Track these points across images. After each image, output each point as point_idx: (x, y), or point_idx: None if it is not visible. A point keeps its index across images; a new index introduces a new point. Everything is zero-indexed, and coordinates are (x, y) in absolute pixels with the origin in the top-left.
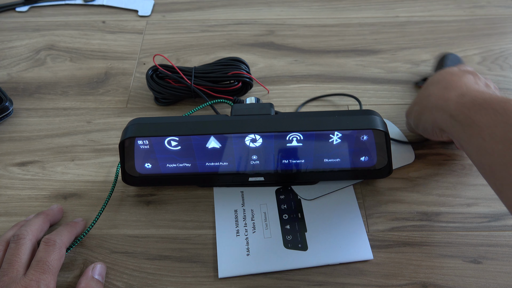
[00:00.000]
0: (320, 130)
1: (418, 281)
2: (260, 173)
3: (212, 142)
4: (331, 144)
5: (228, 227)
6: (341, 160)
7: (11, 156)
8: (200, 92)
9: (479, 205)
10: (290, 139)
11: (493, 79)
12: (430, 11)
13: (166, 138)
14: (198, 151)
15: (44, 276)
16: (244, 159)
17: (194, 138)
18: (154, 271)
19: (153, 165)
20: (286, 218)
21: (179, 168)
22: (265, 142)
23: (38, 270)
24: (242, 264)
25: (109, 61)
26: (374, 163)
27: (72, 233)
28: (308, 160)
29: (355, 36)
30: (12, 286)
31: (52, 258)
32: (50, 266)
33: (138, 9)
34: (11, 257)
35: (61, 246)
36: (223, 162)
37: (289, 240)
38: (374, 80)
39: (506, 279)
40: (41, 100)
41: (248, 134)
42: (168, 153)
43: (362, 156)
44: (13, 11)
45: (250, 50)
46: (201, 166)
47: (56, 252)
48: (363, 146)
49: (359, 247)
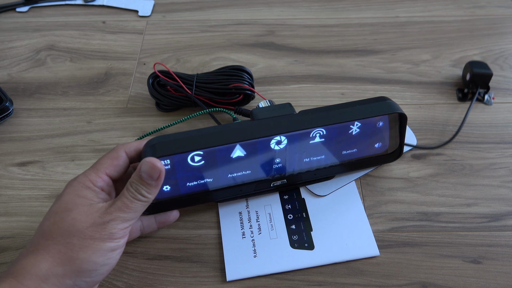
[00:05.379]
0: (344, 122)
1: (418, 281)
2: (283, 176)
3: (238, 151)
4: (351, 135)
5: (233, 229)
6: (358, 150)
7: (11, 156)
8: (200, 103)
9: (479, 205)
10: (314, 136)
11: (493, 79)
12: (430, 11)
13: (190, 153)
14: (222, 163)
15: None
16: (267, 164)
17: (219, 149)
18: (154, 271)
19: (172, 186)
20: (291, 218)
21: (200, 185)
22: (290, 142)
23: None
24: (250, 266)
25: (109, 61)
26: (386, 148)
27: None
28: (329, 155)
29: (355, 36)
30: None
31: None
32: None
33: (138, 9)
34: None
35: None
36: (246, 171)
37: (295, 240)
38: (374, 80)
39: (506, 279)
40: (41, 100)
41: (275, 136)
42: (190, 170)
43: (376, 143)
44: (14, 11)
45: (250, 50)
46: (223, 179)
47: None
48: (379, 132)
49: (365, 244)
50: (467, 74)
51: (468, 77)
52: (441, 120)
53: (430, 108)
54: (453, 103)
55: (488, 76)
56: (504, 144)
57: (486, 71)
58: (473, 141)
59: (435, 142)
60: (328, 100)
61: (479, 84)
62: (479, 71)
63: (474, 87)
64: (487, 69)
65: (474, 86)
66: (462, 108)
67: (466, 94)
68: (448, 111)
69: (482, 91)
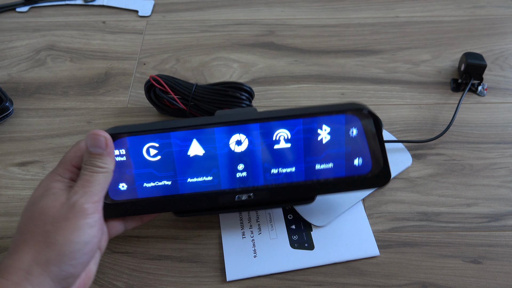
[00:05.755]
0: (304, 116)
1: (418, 281)
2: (249, 189)
3: (195, 147)
4: (321, 143)
5: (233, 229)
6: (334, 165)
7: (11, 156)
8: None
9: (479, 205)
10: (277, 139)
11: (493, 79)
12: (430, 11)
13: (144, 144)
14: (180, 161)
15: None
16: (229, 170)
17: (175, 143)
18: (154, 271)
19: (128, 186)
20: (291, 218)
21: (158, 188)
22: (251, 144)
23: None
24: (250, 266)
25: (109, 61)
26: (369, 168)
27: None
28: (299, 168)
29: (355, 36)
30: None
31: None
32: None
33: (138, 10)
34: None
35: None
36: (206, 176)
37: (295, 240)
38: (374, 80)
39: (506, 279)
40: (41, 100)
41: (233, 126)
42: (146, 166)
43: (355, 158)
44: (14, 12)
45: (250, 50)
46: (182, 183)
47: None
48: (354, 144)
49: (365, 244)
50: (462, 65)
51: (462, 67)
52: (441, 120)
53: (430, 108)
54: (453, 103)
55: (482, 67)
56: (504, 144)
57: (480, 62)
58: (473, 141)
59: (435, 142)
60: (328, 100)
61: (473, 75)
62: (473, 62)
63: (468, 77)
64: (481, 60)
65: (468, 77)
66: (461, 107)
67: (460, 85)
68: (448, 111)
69: (476, 83)
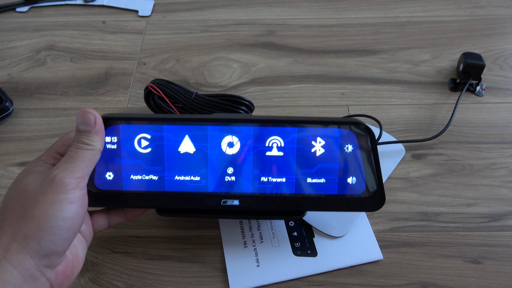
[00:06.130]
0: (299, 124)
1: (418, 281)
2: (236, 194)
3: (186, 144)
4: (314, 156)
5: (235, 239)
6: (326, 181)
7: (11, 156)
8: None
9: (479, 205)
10: (270, 145)
11: (493, 79)
12: (430, 11)
13: (137, 134)
14: (169, 156)
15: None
16: (218, 172)
17: (167, 137)
18: (154, 271)
19: (115, 175)
20: (292, 225)
21: (144, 182)
22: (242, 147)
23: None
24: (253, 276)
25: (109, 61)
26: (363, 188)
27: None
28: (290, 179)
29: (355, 36)
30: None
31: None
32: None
33: (138, 9)
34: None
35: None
36: (194, 175)
37: (298, 247)
38: (374, 80)
39: (506, 279)
40: (41, 100)
41: (227, 126)
42: (135, 157)
43: (348, 176)
44: (13, 11)
45: (250, 50)
46: (169, 180)
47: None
48: (349, 160)
49: (368, 248)
50: (460, 64)
51: (461, 67)
52: (441, 120)
53: (430, 108)
54: (453, 103)
55: (480, 67)
56: (504, 144)
57: (479, 62)
58: (473, 141)
59: (435, 142)
60: (328, 100)
61: (471, 75)
62: (472, 62)
63: (466, 77)
64: (480, 60)
65: (466, 76)
66: (461, 107)
67: (458, 84)
68: (448, 111)
69: (474, 83)
